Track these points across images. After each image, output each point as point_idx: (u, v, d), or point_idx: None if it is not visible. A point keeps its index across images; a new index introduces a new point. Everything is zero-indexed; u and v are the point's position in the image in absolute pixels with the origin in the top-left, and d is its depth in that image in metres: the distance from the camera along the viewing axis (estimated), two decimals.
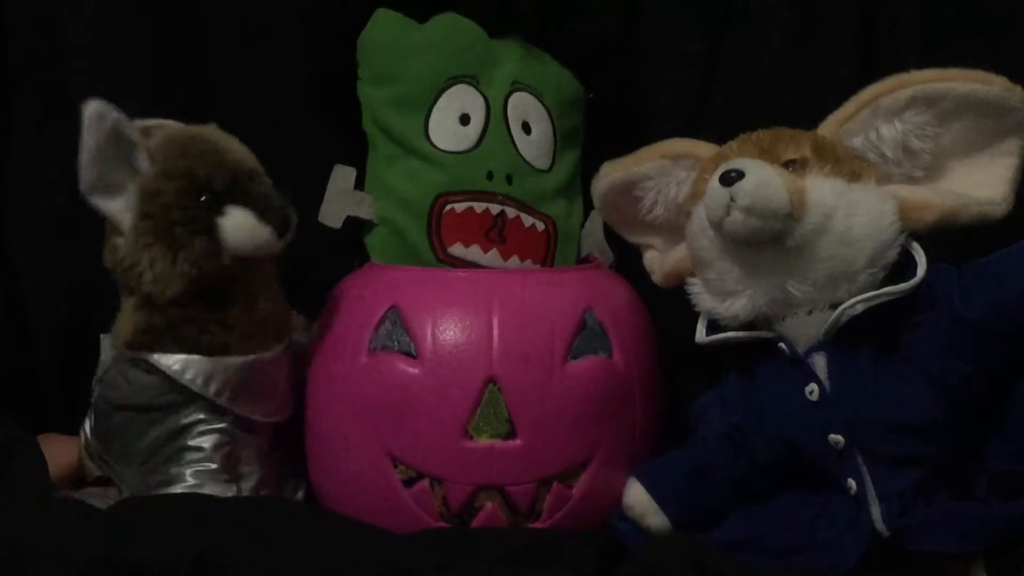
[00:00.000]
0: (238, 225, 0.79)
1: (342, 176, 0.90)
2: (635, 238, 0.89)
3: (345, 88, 0.92)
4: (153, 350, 0.81)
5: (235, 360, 0.81)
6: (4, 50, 1.00)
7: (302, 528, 0.73)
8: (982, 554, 0.71)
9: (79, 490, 0.90)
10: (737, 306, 0.75)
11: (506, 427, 0.79)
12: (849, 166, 0.75)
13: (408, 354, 0.80)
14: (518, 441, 0.79)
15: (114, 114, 0.77)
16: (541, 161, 0.91)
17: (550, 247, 0.91)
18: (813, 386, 0.74)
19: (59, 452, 0.90)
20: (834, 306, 0.72)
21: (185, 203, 0.79)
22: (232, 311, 0.82)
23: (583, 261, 0.94)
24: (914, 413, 0.71)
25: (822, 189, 0.72)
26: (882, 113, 0.75)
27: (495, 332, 0.80)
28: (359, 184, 0.91)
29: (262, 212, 0.80)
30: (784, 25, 1.00)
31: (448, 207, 0.88)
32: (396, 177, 0.89)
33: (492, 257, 0.87)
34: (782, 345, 0.75)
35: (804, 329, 0.74)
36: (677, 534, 0.79)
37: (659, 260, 0.87)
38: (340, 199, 0.90)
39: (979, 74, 0.73)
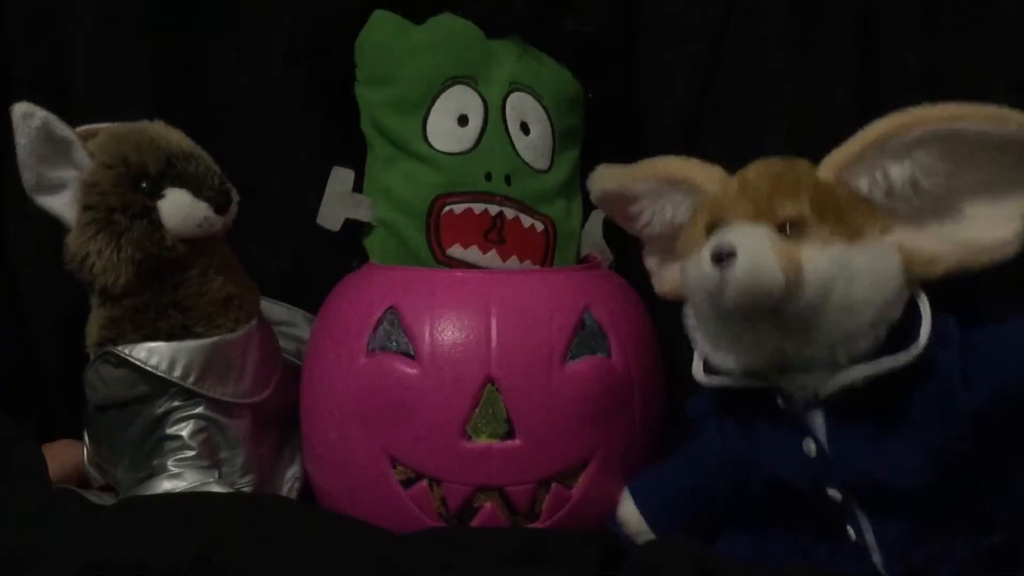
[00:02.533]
0: (175, 205, 0.81)
1: (340, 178, 0.90)
2: (633, 232, 0.87)
3: (343, 90, 0.92)
4: (118, 343, 0.82)
5: (197, 342, 0.83)
6: (4, 50, 1.00)
7: (302, 528, 0.74)
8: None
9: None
10: (732, 361, 0.73)
11: (505, 427, 0.79)
12: (851, 222, 0.69)
13: (406, 355, 0.80)
14: (517, 441, 0.79)
15: (41, 113, 0.80)
16: (540, 161, 0.91)
17: (549, 247, 0.91)
18: (810, 442, 0.72)
19: (65, 457, 0.91)
20: (833, 363, 0.69)
21: (123, 190, 0.81)
22: (187, 293, 0.83)
23: (582, 261, 0.94)
24: (912, 477, 0.69)
25: (820, 261, 0.68)
26: (890, 153, 0.69)
27: (493, 332, 0.80)
28: (358, 186, 0.91)
29: (198, 190, 0.82)
30: (783, 26, 1.00)
31: (447, 208, 0.88)
32: (394, 179, 0.90)
33: (491, 258, 0.87)
34: (779, 398, 0.73)
35: (802, 385, 0.71)
36: (677, 535, 0.79)
37: (658, 265, 0.85)
38: (339, 201, 0.90)
39: (993, 111, 0.67)
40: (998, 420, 0.67)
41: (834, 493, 0.72)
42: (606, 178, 0.83)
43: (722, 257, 0.67)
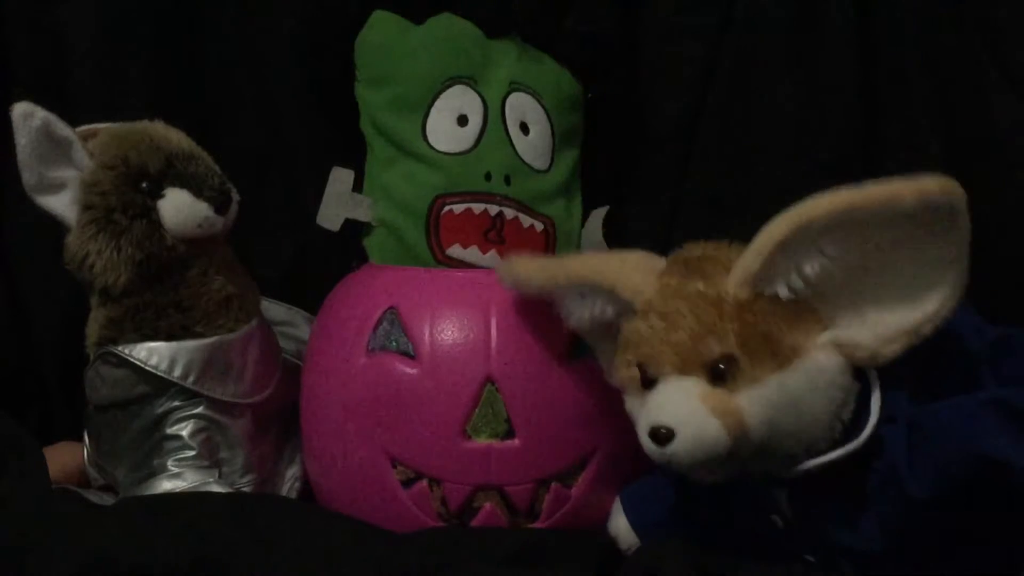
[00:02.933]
0: (175, 205, 0.81)
1: (340, 179, 0.90)
2: None
3: (343, 90, 0.92)
4: (118, 343, 0.83)
5: (197, 342, 0.83)
6: (4, 50, 1.00)
7: (302, 528, 0.74)
8: None
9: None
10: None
11: (504, 427, 0.79)
12: (781, 343, 0.66)
13: (406, 354, 0.80)
14: (517, 441, 0.79)
15: (41, 113, 0.80)
16: (539, 161, 0.91)
17: (549, 247, 0.91)
18: (777, 517, 0.72)
19: (65, 458, 0.91)
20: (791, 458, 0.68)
21: (123, 189, 0.81)
22: (187, 293, 0.83)
23: None
24: (876, 543, 0.68)
25: (758, 404, 0.66)
26: (797, 254, 0.66)
27: (493, 332, 0.80)
28: (358, 186, 0.91)
29: (198, 190, 0.82)
30: (783, 26, 1.00)
31: (446, 208, 0.88)
32: (394, 179, 0.90)
33: (491, 258, 0.87)
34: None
35: (763, 471, 0.70)
36: (678, 535, 0.79)
37: (600, 356, 0.80)
38: (338, 202, 0.90)
39: (885, 190, 0.63)
40: (949, 501, 0.65)
41: (808, 558, 0.73)
42: (520, 274, 0.79)
43: (661, 437, 0.66)
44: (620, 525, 0.81)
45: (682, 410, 0.66)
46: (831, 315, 0.68)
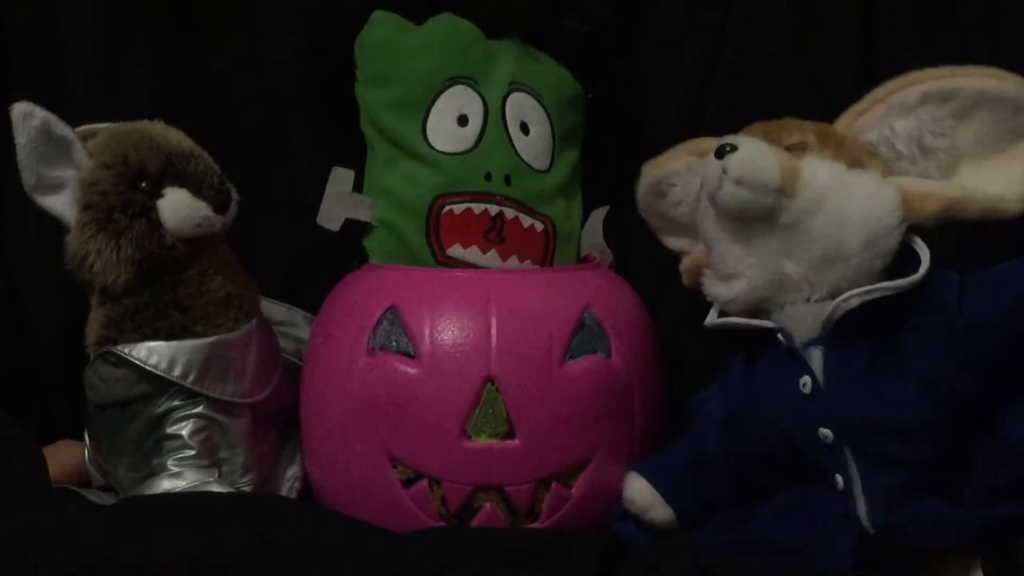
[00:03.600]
0: (175, 204, 0.81)
1: (341, 178, 0.90)
2: (671, 242, 0.89)
3: (343, 90, 0.92)
4: (118, 342, 0.83)
5: (197, 341, 0.83)
6: (4, 50, 1.00)
7: (302, 528, 0.74)
8: (978, 555, 0.71)
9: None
10: (738, 287, 0.76)
11: (505, 427, 0.79)
12: (853, 154, 0.75)
13: (406, 354, 0.80)
14: (517, 441, 0.79)
15: (40, 112, 0.80)
16: (540, 161, 0.91)
17: (549, 247, 0.91)
18: (806, 379, 0.74)
19: (65, 457, 0.91)
20: (833, 296, 0.73)
21: (122, 189, 0.81)
22: (186, 292, 0.83)
23: (583, 261, 0.94)
24: (904, 415, 0.71)
25: (817, 170, 0.73)
26: (896, 109, 0.76)
27: (493, 332, 0.80)
28: (358, 186, 0.91)
29: (197, 189, 0.82)
30: (783, 26, 1.00)
31: (447, 208, 0.88)
32: (394, 179, 0.90)
33: (491, 258, 0.87)
34: (780, 336, 0.76)
35: (803, 320, 0.74)
36: (677, 535, 0.79)
37: (689, 244, 0.88)
38: (339, 201, 0.90)
39: (994, 71, 0.73)
40: (994, 343, 0.69)
41: (825, 433, 0.74)
42: (648, 170, 0.86)
43: (725, 152, 0.73)
44: (638, 486, 0.81)
45: (749, 140, 0.75)
46: (900, 175, 0.76)
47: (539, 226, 0.90)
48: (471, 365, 0.79)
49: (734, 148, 0.73)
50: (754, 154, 0.73)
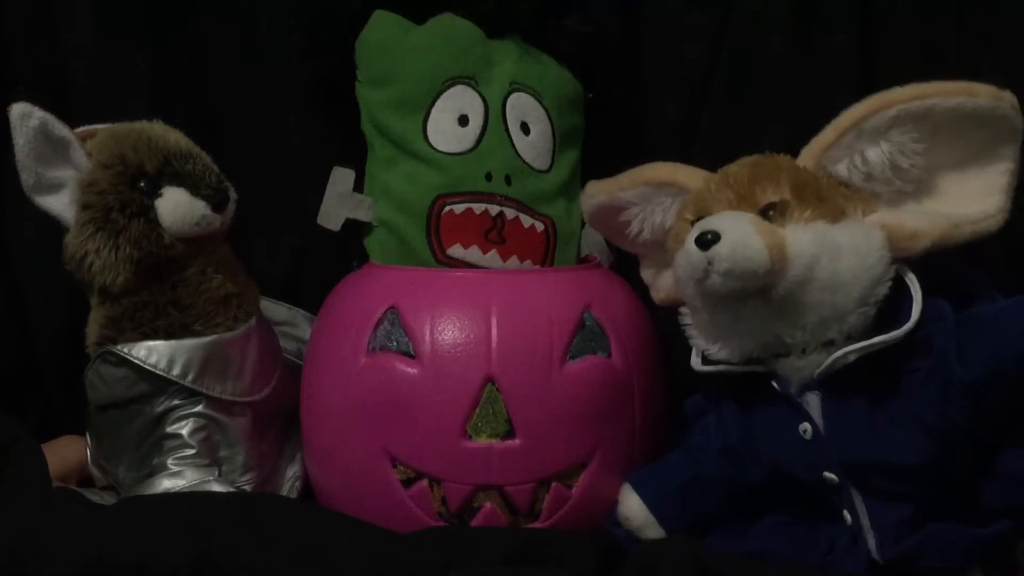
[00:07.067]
0: (173, 203, 0.82)
1: (341, 178, 0.90)
2: (629, 249, 0.88)
3: (344, 90, 0.92)
4: (117, 342, 0.83)
5: (196, 340, 0.83)
6: (4, 50, 1.00)
7: (302, 527, 0.74)
8: (979, 564, 0.70)
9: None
10: (726, 351, 0.74)
11: (505, 427, 0.79)
12: (832, 203, 0.71)
13: (407, 354, 0.80)
14: (517, 441, 0.79)
15: (39, 113, 0.80)
16: (540, 162, 0.91)
17: (549, 247, 0.91)
18: (806, 425, 0.73)
19: (68, 453, 0.91)
20: (827, 344, 0.70)
21: (120, 189, 0.81)
22: (186, 292, 0.83)
23: (582, 261, 0.94)
24: (908, 457, 0.69)
25: (803, 239, 0.69)
26: (866, 136, 0.71)
27: (494, 332, 0.80)
28: (358, 186, 0.91)
29: (196, 189, 0.82)
30: (783, 25, 1.00)
31: (447, 208, 0.88)
32: (395, 179, 0.90)
33: (491, 258, 0.88)
34: (774, 383, 0.74)
35: (798, 368, 0.72)
36: (678, 535, 0.79)
37: (654, 277, 0.86)
38: (339, 201, 0.90)
39: (964, 86, 0.69)
40: (994, 398, 0.67)
41: (831, 476, 0.73)
42: (595, 192, 0.84)
43: (707, 241, 0.68)
44: (632, 505, 0.81)
45: (729, 222, 0.70)
46: (879, 204, 0.72)
47: (539, 226, 0.90)
48: (471, 365, 0.79)
49: (716, 237, 0.68)
50: (739, 242, 0.68)
